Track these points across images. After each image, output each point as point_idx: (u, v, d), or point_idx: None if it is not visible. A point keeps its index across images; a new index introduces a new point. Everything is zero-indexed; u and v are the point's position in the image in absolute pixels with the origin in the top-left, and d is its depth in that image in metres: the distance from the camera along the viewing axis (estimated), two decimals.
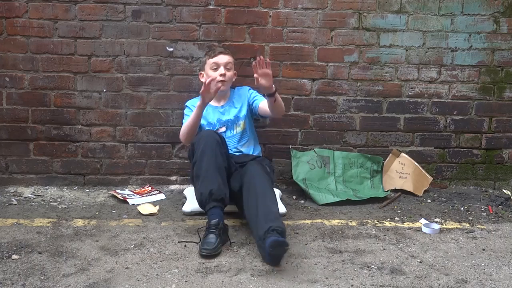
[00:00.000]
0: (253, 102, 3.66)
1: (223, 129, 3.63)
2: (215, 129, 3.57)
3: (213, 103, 3.62)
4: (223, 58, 3.57)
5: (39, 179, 4.02)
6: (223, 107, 3.68)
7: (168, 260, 2.93)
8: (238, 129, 3.65)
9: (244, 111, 3.67)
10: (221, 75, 3.51)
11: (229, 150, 3.52)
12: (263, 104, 3.56)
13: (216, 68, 3.56)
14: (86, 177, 4.06)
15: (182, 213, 3.59)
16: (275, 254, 2.88)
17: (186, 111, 3.70)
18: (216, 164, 3.20)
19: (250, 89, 3.73)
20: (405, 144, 4.19)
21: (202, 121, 3.59)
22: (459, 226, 3.56)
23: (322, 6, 3.98)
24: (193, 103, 3.58)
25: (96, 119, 3.99)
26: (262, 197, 3.11)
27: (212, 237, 3.01)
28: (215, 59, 3.57)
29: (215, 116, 3.65)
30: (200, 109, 3.40)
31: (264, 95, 3.41)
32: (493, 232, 3.48)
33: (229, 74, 3.58)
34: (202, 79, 3.56)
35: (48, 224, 3.39)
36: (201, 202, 3.18)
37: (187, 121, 3.52)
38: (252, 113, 3.71)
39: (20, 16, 3.84)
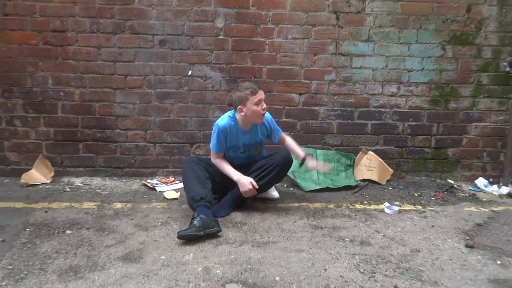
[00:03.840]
0: (271, 135, 3.49)
1: (245, 150, 3.43)
2: (239, 150, 3.41)
3: (244, 127, 3.36)
4: (262, 94, 3.25)
5: (87, 171, 4.04)
6: (249, 132, 3.38)
7: None
8: (255, 152, 3.47)
9: (263, 137, 3.45)
10: (263, 108, 3.24)
11: (237, 162, 3.44)
12: (281, 140, 3.51)
13: (259, 102, 3.23)
14: (123, 170, 4.07)
15: None
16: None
17: (215, 135, 3.34)
18: (196, 176, 3.19)
19: (271, 122, 3.46)
20: (372, 144, 4.20)
21: (228, 143, 3.38)
22: (413, 208, 3.57)
23: (307, 36, 3.99)
24: (223, 123, 3.31)
25: (131, 125, 4.01)
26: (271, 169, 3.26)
27: (194, 223, 2.93)
28: (258, 96, 3.23)
29: (243, 139, 3.37)
30: (229, 175, 3.34)
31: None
32: (440, 213, 3.49)
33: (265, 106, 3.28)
34: (242, 113, 3.26)
35: (94, 207, 3.41)
36: (190, 204, 3.15)
37: (221, 167, 3.37)
38: (268, 139, 3.53)
39: (71, 44, 3.86)
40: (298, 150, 3.48)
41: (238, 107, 3.26)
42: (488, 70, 4.13)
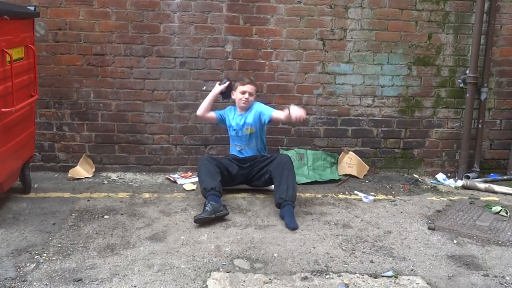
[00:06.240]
0: (261, 118, 3.41)
1: (236, 129, 3.48)
2: (233, 128, 3.48)
3: (239, 111, 3.49)
4: (248, 87, 3.42)
5: (121, 168, 4.01)
6: (241, 115, 3.47)
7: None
8: (247, 132, 3.45)
9: (250, 120, 3.41)
10: (245, 98, 3.40)
11: (239, 147, 3.47)
12: (275, 116, 3.34)
13: (243, 93, 3.41)
14: (150, 166, 4.04)
15: None
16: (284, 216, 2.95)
17: (222, 111, 3.56)
18: (208, 171, 3.14)
19: (258, 107, 3.44)
20: (352, 145, 4.15)
21: (227, 122, 3.51)
22: (386, 198, 3.57)
23: (299, 58, 3.96)
24: (229, 106, 3.57)
25: (157, 130, 3.98)
26: (286, 174, 3.11)
27: (207, 209, 2.89)
28: (244, 87, 3.42)
29: (237, 120, 3.47)
30: (215, 96, 3.48)
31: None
32: (407, 201, 3.50)
33: (251, 98, 3.42)
34: (233, 97, 3.49)
35: (127, 196, 3.41)
36: (203, 194, 3.11)
37: (206, 99, 3.51)
38: (262, 123, 3.44)
39: (109, 65, 3.85)
40: (282, 113, 3.27)
41: (232, 91, 3.52)
42: (446, 86, 4.10)
